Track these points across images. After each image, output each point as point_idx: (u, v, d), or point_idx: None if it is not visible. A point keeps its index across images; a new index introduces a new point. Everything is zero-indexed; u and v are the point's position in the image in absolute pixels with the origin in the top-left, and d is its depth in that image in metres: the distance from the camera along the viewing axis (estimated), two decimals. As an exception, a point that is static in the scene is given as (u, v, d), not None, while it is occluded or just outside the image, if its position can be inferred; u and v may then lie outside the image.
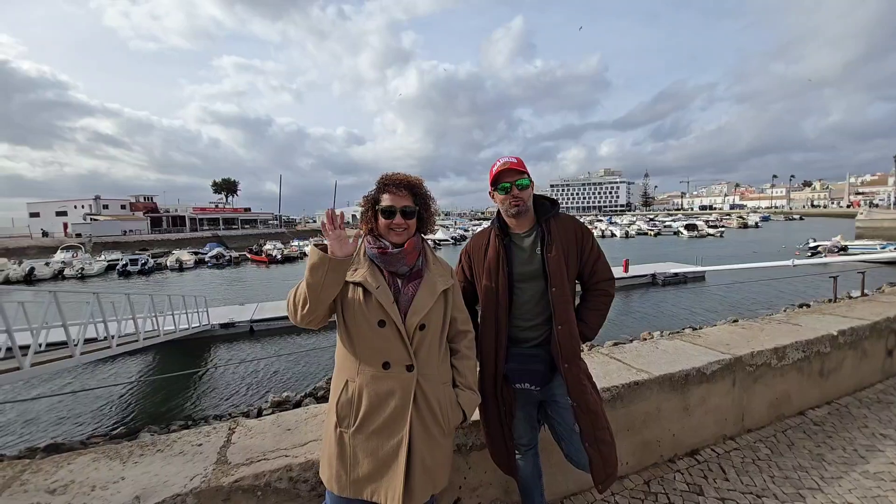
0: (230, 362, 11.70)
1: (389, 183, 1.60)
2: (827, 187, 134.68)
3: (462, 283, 1.95)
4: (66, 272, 32.22)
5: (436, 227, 1.82)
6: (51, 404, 8.99)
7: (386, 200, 1.59)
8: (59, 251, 37.46)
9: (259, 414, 7.53)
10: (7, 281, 28.47)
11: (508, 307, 1.86)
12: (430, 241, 1.91)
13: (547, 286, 1.82)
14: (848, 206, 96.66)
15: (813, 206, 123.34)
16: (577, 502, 2.31)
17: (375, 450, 1.47)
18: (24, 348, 5.96)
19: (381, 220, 1.59)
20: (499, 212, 1.93)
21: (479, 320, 1.94)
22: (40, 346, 6.42)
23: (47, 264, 33.04)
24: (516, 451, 1.98)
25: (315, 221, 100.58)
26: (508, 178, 1.82)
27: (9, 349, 6.07)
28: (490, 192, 1.91)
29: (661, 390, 2.58)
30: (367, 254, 1.61)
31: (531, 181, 1.85)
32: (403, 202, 1.59)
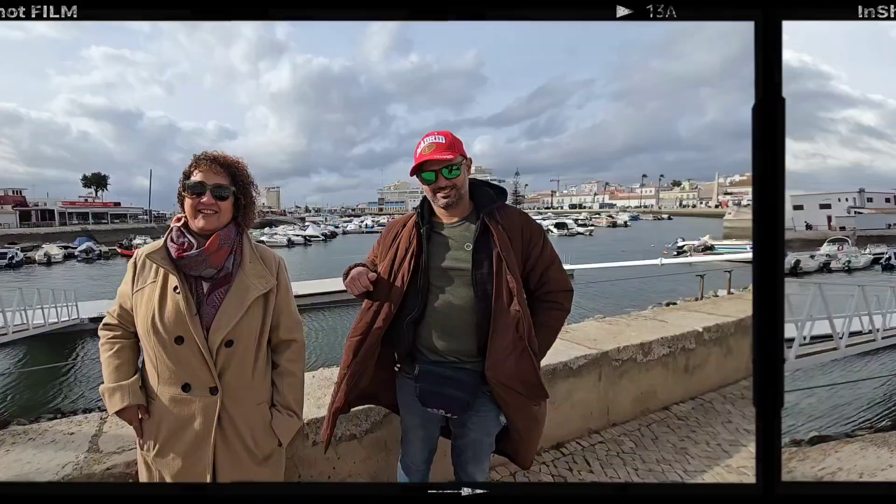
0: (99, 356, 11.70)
1: (203, 158, 1.35)
2: (696, 187, 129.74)
3: None
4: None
5: (264, 219, 1.55)
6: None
7: (196, 176, 1.31)
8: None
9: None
10: None
11: (399, 313, 1.51)
12: (300, 237, 1.68)
13: (475, 291, 1.46)
14: (717, 207, 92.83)
15: (682, 206, 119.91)
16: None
17: (179, 476, 1.33)
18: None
19: (188, 200, 1.31)
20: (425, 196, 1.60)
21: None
22: None
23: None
24: (405, 474, 1.72)
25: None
26: (433, 167, 1.46)
27: None
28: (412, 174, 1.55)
29: (527, 384, 2.70)
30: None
31: (465, 158, 1.50)
32: (216, 180, 1.32)
